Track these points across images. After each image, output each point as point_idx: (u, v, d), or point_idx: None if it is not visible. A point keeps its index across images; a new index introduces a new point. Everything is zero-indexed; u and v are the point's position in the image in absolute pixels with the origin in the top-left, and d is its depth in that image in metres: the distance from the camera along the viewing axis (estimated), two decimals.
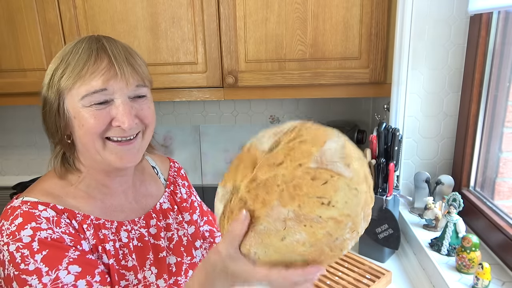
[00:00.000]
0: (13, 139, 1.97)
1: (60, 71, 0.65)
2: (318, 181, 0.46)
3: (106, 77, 0.63)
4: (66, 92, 0.65)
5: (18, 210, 0.63)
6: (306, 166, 0.47)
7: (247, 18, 1.33)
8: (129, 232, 0.73)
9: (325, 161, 0.47)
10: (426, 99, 1.25)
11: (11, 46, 1.44)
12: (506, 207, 1.04)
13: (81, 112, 0.64)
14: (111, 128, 0.66)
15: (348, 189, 0.47)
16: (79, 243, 0.64)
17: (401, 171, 1.30)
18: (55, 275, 0.59)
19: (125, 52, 0.67)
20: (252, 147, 0.56)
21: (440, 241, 1.05)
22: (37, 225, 0.61)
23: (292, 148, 0.49)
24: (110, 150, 0.67)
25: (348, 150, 0.50)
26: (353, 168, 0.48)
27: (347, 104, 1.75)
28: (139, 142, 0.70)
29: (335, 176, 0.47)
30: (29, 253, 0.59)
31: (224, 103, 1.81)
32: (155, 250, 0.77)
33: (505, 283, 0.90)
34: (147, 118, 0.69)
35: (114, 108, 0.65)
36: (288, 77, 1.36)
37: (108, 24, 1.38)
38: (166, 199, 0.85)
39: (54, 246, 0.61)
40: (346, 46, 1.32)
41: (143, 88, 0.69)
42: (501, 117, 1.08)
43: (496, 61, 1.10)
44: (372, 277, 1.04)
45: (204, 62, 1.39)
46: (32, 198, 0.65)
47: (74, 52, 0.65)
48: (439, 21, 1.18)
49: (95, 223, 0.69)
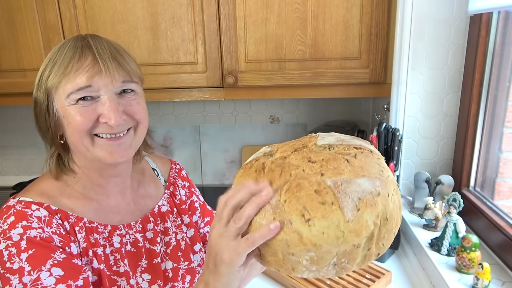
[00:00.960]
0: (13, 139, 1.97)
1: (47, 70, 0.65)
2: (318, 197, 0.44)
3: (90, 74, 0.63)
4: (54, 91, 0.65)
5: (12, 209, 0.63)
6: (323, 179, 0.45)
7: (247, 18, 1.33)
8: (122, 237, 0.72)
9: (342, 189, 0.44)
10: (426, 99, 1.25)
11: (11, 46, 1.44)
12: (506, 207, 1.04)
13: (68, 110, 0.64)
14: (98, 125, 0.65)
15: (335, 226, 0.43)
16: (68, 245, 0.63)
17: (401, 171, 1.30)
18: (37, 275, 0.58)
19: (110, 48, 0.66)
20: (313, 137, 0.54)
21: (440, 241, 1.05)
22: (28, 224, 0.61)
23: (334, 159, 0.47)
24: (99, 147, 0.66)
25: (378, 203, 0.44)
26: (359, 216, 0.43)
27: (347, 104, 1.75)
28: (130, 138, 0.69)
29: (335, 206, 0.43)
30: (16, 252, 0.59)
31: (224, 103, 1.81)
32: (150, 255, 0.75)
33: (505, 283, 0.90)
34: (137, 114, 0.68)
35: (101, 105, 0.64)
36: (288, 77, 1.36)
37: (108, 24, 1.38)
38: (165, 201, 0.84)
39: (41, 245, 0.60)
40: (346, 46, 1.32)
41: (131, 83, 0.68)
42: (501, 117, 1.08)
43: (496, 61, 1.10)
44: (372, 277, 1.04)
45: (204, 62, 1.39)
46: (27, 198, 0.66)
47: (60, 52, 0.65)
48: (439, 21, 1.18)
49: (88, 226, 0.68)
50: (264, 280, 1.11)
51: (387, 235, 0.47)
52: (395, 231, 0.48)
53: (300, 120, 1.80)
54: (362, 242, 0.45)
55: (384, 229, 0.46)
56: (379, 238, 0.46)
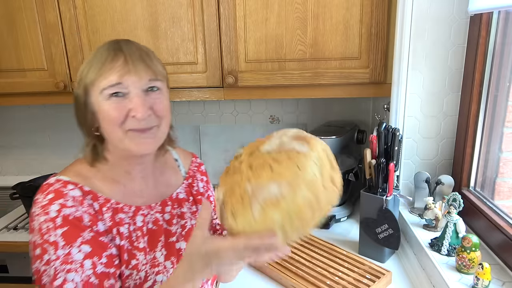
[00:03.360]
0: (13, 139, 1.97)
1: (86, 69, 0.75)
2: (240, 201, 0.56)
3: (121, 73, 0.72)
4: (90, 87, 0.75)
5: (51, 187, 0.74)
6: (246, 186, 0.57)
7: (247, 18, 1.33)
8: (144, 216, 0.82)
9: (255, 194, 0.55)
10: (426, 99, 1.25)
11: (11, 46, 1.44)
12: (506, 207, 1.04)
13: (102, 106, 0.74)
14: (129, 119, 0.74)
15: (248, 222, 0.56)
16: (95, 224, 0.74)
17: (401, 171, 1.30)
18: (68, 250, 0.68)
19: (139, 51, 0.76)
20: (265, 140, 0.63)
21: (440, 241, 1.05)
22: (64, 202, 0.71)
23: (262, 166, 0.57)
24: (129, 138, 0.75)
25: (281, 202, 0.54)
26: (265, 214, 0.55)
27: (347, 104, 1.75)
28: (154, 132, 0.78)
29: (248, 207, 0.55)
30: (52, 226, 0.69)
31: (224, 103, 1.81)
32: (167, 234, 0.86)
33: (505, 283, 0.90)
34: (160, 111, 0.77)
35: (129, 101, 0.74)
36: (288, 77, 1.36)
37: (108, 24, 1.38)
38: (183, 190, 0.94)
39: (73, 224, 0.71)
40: (346, 46, 1.32)
41: (156, 81, 0.77)
42: (501, 117, 1.08)
43: (496, 61, 1.10)
44: (372, 277, 1.04)
45: (204, 62, 1.39)
46: (65, 177, 0.76)
47: (97, 54, 0.76)
48: (439, 21, 1.18)
49: (114, 207, 0.79)
50: (264, 280, 1.11)
51: (301, 223, 0.56)
52: (315, 218, 0.58)
53: (300, 120, 1.80)
54: (277, 230, 0.55)
55: (296, 220, 0.55)
56: (292, 228, 0.56)
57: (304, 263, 1.12)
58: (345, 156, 1.51)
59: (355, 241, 1.25)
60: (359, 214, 1.19)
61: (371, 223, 1.15)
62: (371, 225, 1.15)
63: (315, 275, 1.06)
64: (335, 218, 1.43)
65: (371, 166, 1.15)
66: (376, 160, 1.14)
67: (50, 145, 1.96)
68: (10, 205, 1.68)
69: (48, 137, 1.95)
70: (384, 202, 1.12)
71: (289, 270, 1.09)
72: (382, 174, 1.13)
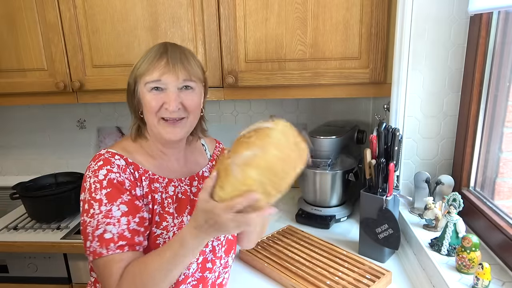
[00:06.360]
0: (13, 139, 1.97)
1: (139, 64, 0.91)
2: (225, 172, 0.68)
3: (162, 72, 0.87)
4: (139, 79, 0.90)
5: (101, 156, 0.88)
6: (229, 161, 0.68)
7: (247, 18, 1.33)
8: (176, 187, 0.96)
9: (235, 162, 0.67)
10: (426, 99, 1.25)
11: (11, 46, 1.44)
12: (506, 207, 1.04)
13: (145, 95, 0.89)
14: (162, 110, 0.89)
15: (233, 185, 0.66)
16: (134, 188, 0.87)
17: (401, 171, 1.30)
18: (110, 207, 0.82)
19: (180, 54, 0.90)
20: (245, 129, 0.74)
21: (440, 241, 1.05)
22: (110, 168, 0.86)
23: (241, 144, 0.69)
24: (161, 125, 0.91)
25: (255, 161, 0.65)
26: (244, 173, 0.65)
27: (347, 104, 1.75)
28: (183, 124, 0.92)
29: (230, 174, 0.67)
30: (99, 187, 0.83)
31: (224, 103, 1.81)
32: (192, 204, 0.98)
33: (505, 283, 0.90)
34: (189, 106, 0.91)
35: (166, 95, 0.89)
36: (288, 77, 1.36)
37: (108, 24, 1.38)
38: (207, 169, 1.06)
39: (116, 187, 0.84)
40: (346, 46, 1.32)
41: (190, 82, 0.91)
42: (501, 117, 1.08)
43: (496, 61, 1.10)
44: (372, 277, 1.04)
45: (204, 62, 1.39)
46: (113, 150, 0.91)
47: (149, 53, 0.91)
48: (439, 21, 1.18)
49: (151, 177, 0.92)
50: (264, 280, 1.11)
51: (276, 178, 0.66)
52: (288, 173, 0.68)
53: (300, 120, 1.80)
54: (258, 189, 0.65)
55: (271, 175, 0.66)
56: (270, 183, 0.66)
57: (304, 263, 1.12)
58: (345, 156, 1.51)
59: (355, 241, 1.25)
60: (359, 214, 1.20)
61: (371, 223, 1.15)
62: (371, 225, 1.15)
63: (315, 275, 1.06)
64: (335, 218, 1.43)
65: (371, 166, 1.15)
66: (376, 160, 1.14)
67: (50, 145, 1.96)
68: (10, 205, 1.68)
69: (48, 137, 1.95)
70: (384, 202, 1.12)
71: (289, 270, 1.09)
72: (382, 174, 1.13)
